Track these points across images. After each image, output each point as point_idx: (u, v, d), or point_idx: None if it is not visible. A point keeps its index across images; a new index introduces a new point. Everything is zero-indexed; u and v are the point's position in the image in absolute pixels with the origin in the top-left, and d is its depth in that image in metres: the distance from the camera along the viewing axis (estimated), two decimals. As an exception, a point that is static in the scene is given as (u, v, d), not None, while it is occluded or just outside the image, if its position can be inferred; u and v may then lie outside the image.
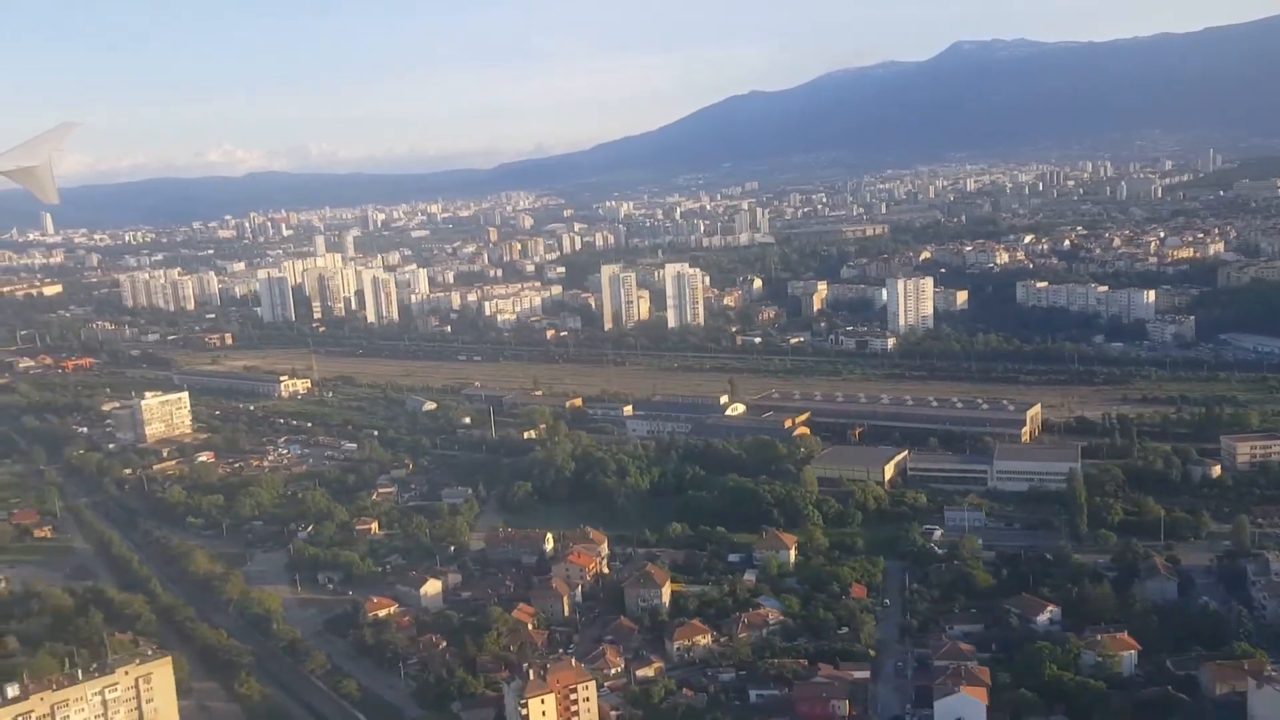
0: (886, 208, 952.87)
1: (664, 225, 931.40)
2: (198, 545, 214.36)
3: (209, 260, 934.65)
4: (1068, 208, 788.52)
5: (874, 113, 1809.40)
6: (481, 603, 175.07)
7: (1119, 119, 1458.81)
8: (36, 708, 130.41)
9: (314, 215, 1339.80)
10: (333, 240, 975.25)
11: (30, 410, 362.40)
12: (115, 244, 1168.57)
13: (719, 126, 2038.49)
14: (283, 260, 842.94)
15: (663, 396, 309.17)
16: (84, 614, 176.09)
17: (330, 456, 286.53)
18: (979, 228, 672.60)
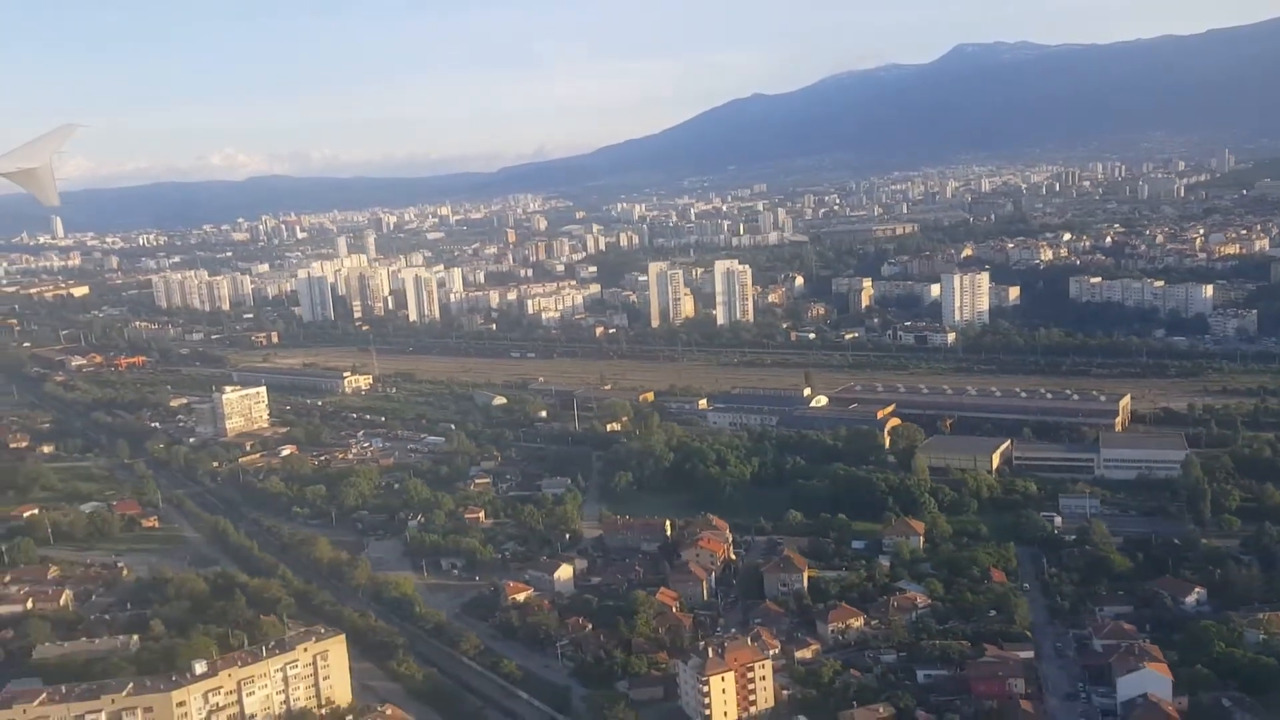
0: (907, 208, 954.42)
1: (687, 226, 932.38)
2: (310, 533, 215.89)
3: (228, 262, 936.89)
4: (1093, 207, 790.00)
5: (877, 115, 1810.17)
6: (613, 587, 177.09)
7: (1123, 121, 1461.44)
8: (225, 684, 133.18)
9: (324, 218, 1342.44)
10: (353, 242, 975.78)
11: (97, 407, 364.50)
12: (129, 247, 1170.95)
13: (722, 129, 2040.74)
14: (306, 262, 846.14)
15: (741, 390, 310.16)
16: (221, 598, 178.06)
17: (414, 449, 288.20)
18: (1010, 226, 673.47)
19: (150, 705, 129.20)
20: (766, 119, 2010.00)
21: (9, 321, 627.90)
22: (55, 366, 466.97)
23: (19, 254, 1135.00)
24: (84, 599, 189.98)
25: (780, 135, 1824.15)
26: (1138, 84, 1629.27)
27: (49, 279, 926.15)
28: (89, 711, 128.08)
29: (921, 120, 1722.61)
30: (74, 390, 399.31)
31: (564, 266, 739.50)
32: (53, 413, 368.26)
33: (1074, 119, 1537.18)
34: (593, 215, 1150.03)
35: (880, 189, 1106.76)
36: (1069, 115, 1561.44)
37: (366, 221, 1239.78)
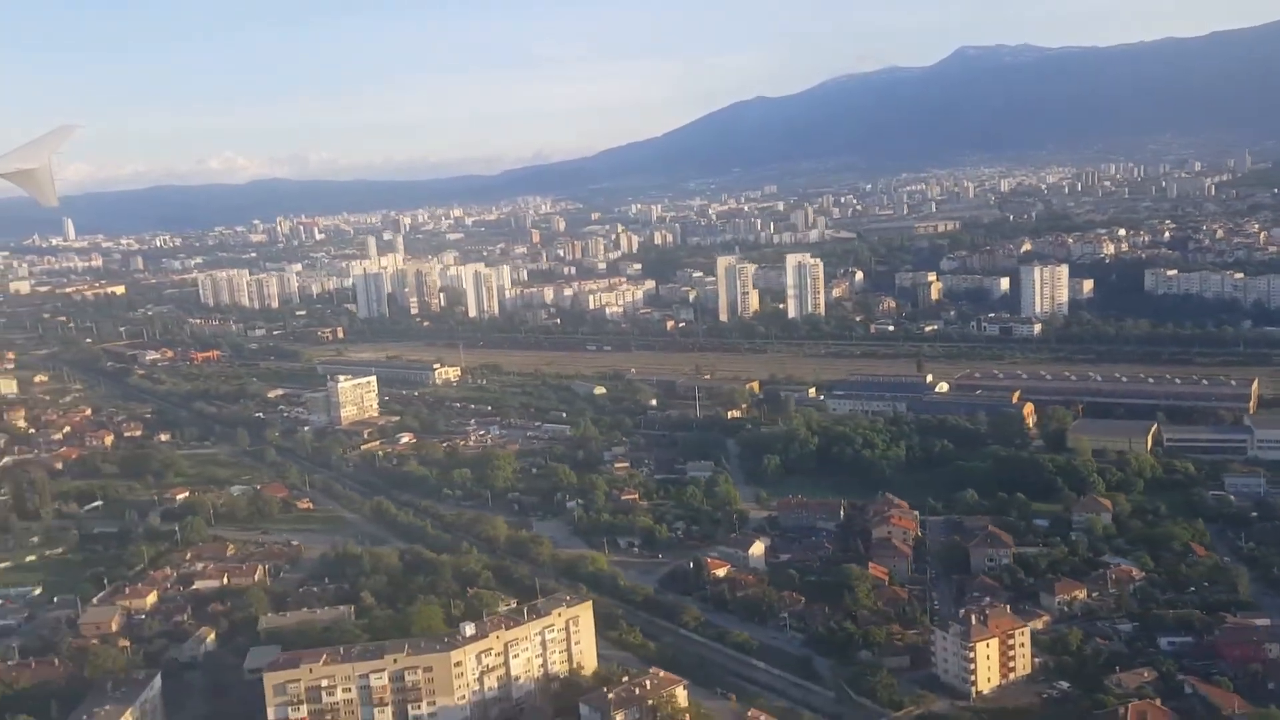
0: (935, 206, 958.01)
1: (718, 225, 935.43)
2: (474, 512, 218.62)
3: (255, 263, 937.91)
4: (1127, 206, 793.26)
5: (879, 118, 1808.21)
6: (807, 564, 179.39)
7: (1127, 123, 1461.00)
8: (494, 645, 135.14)
9: (338, 220, 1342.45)
10: (381, 243, 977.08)
11: (194, 398, 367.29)
12: (145, 248, 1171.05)
13: (724, 132, 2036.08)
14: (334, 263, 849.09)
15: (858, 377, 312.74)
16: (416, 573, 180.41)
17: (533, 436, 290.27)
18: (1052, 223, 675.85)
19: (430, 665, 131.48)
20: (768, 121, 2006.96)
21: (59, 318, 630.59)
22: (129, 361, 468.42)
23: (34, 255, 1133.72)
24: (273, 575, 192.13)
25: (783, 138, 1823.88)
26: (1140, 87, 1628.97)
27: (78, 279, 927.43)
28: (373, 671, 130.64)
29: (924, 123, 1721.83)
30: (162, 383, 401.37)
31: (605, 264, 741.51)
32: (150, 404, 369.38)
33: (1077, 121, 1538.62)
34: (608, 216, 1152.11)
35: (896, 189, 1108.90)
36: (1072, 118, 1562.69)
37: (380, 223, 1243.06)
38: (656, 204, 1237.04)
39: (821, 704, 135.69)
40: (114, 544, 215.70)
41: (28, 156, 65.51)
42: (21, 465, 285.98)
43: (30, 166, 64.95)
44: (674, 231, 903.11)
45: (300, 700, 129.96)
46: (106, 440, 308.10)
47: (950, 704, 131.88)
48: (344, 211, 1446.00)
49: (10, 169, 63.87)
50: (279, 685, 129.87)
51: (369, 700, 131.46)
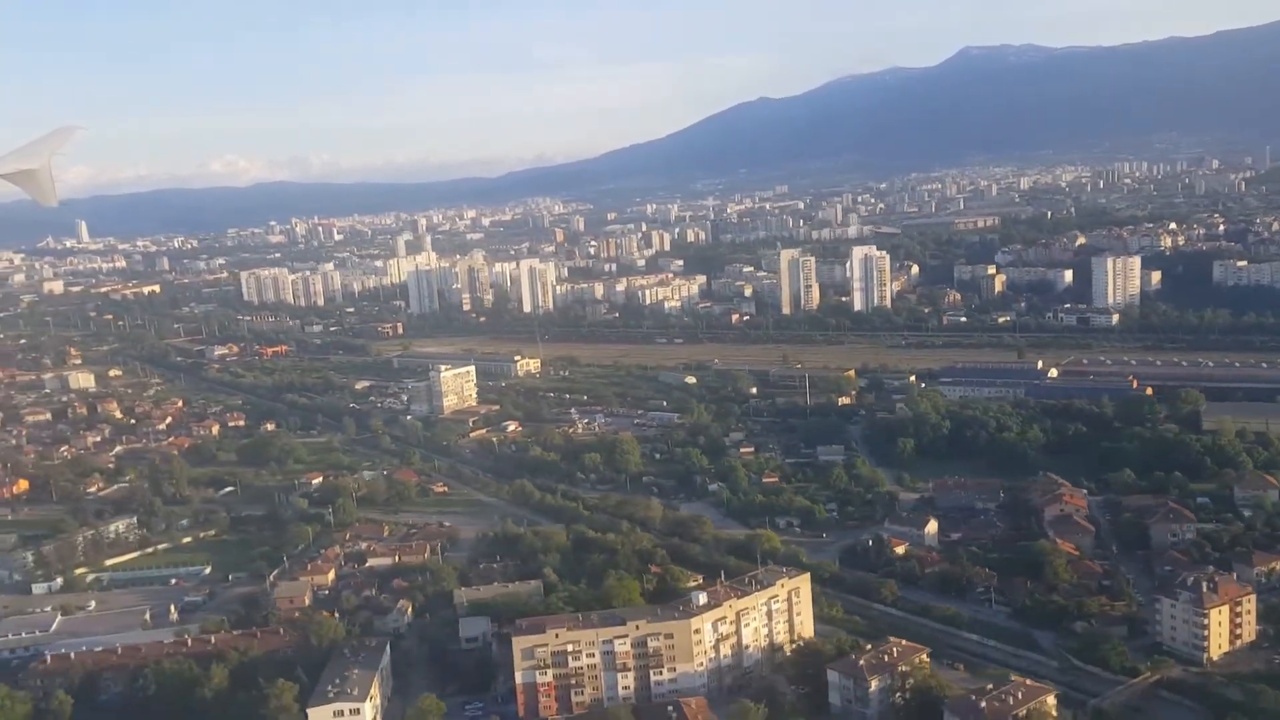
0: (963, 203, 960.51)
1: (750, 222, 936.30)
2: (619, 495, 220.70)
3: (279, 262, 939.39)
4: (1163, 201, 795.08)
5: (884, 118, 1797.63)
6: (980, 541, 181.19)
7: (1133, 122, 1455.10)
8: (728, 614, 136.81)
9: (353, 221, 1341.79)
10: (409, 243, 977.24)
11: (281, 390, 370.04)
12: (162, 249, 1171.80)
13: (728, 133, 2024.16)
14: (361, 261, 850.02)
15: (963, 365, 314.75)
16: (582, 550, 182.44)
17: (641, 424, 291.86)
18: (1097, 218, 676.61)
19: (671, 632, 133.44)
20: (772, 122, 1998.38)
21: (106, 316, 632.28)
22: (196, 356, 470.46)
23: (51, 257, 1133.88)
24: (437, 553, 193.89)
25: (788, 138, 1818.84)
26: (1145, 86, 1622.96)
27: (106, 279, 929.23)
28: (616, 637, 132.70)
29: (929, 123, 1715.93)
30: (243, 376, 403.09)
31: (644, 261, 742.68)
32: (238, 396, 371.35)
33: (1082, 121, 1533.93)
34: (624, 216, 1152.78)
35: (914, 188, 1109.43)
36: (1077, 117, 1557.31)
37: (394, 224, 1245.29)
38: (672, 204, 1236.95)
39: (1048, 674, 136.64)
40: (266, 526, 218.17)
41: (28, 157, 65.51)
42: (138, 454, 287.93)
43: (31, 167, 64.89)
44: (705, 229, 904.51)
45: (547, 664, 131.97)
46: (213, 430, 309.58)
47: (1183, 670, 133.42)
48: (354, 213, 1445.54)
49: (11, 169, 63.83)
50: (527, 649, 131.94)
51: (612, 665, 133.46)
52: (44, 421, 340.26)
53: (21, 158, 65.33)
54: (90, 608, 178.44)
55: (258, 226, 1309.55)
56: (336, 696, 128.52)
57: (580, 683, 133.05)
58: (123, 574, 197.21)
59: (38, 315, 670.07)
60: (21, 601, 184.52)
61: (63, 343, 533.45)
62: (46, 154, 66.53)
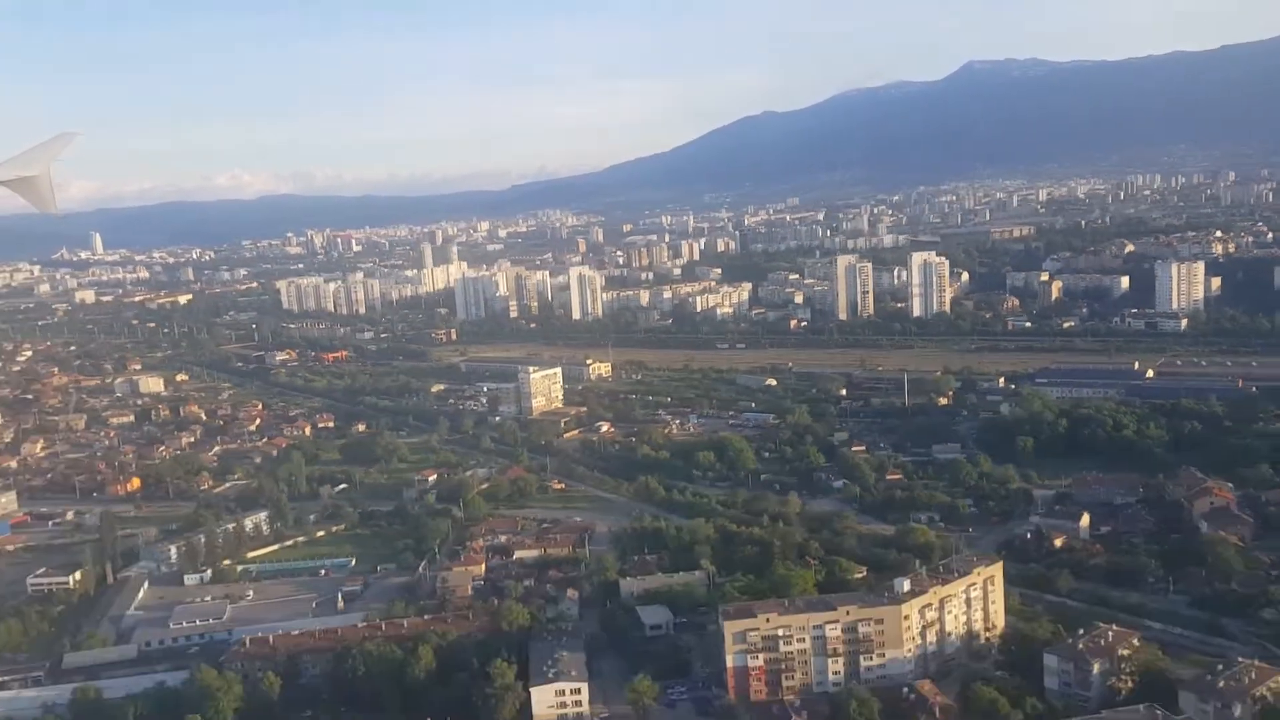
0: (989, 214, 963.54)
1: (780, 234, 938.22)
2: (744, 492, 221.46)
3: (303, 272, 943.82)
4: (1195, 210, 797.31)
5: (890, 132, 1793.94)
6: (1130, 535, 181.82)
7: (1140, 136, 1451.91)
8: (933, 600, 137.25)
9: (369, 233, 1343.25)
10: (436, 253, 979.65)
11: (356, 393, 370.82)
12: (180, 261, 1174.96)
13: (734, 146, 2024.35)
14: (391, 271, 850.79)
15: (1055, 365, 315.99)
16: (731, 544, 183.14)
17: (737, 424, 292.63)
18: (1135, 227, 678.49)
19: (881, 617, 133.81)
20: (778, 136, 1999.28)
21: (150, 325, 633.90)
22: (256, 361, 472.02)
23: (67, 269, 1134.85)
24: (580, 546, 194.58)
25: (794, 152, 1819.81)
26: (1151, 99, 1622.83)
27: (132, 290, 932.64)
28: (827, 622, 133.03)
29: (935, 137, 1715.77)
30: (313, 380, 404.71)
31: (679, 270, 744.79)
32: (314, 399, 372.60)
33: (1088, 134, 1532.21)
34: (640, 228, 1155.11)
35: (929, 199, 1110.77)
36: (1083, 131, 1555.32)
37: (410, 236, 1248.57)
38: (686, 215, 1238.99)
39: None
40: (394, 520, 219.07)
41: (27, 163, 64.09)
42: (235, 454, 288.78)
43: (30, 174, 63.62)
44: (734, 239, 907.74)
45: (758, 648, 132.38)
46: (306, 431, 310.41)
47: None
48: (364, 226, 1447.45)
49: (9, 176, 62.61)
50: (739, 633, 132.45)
51: (822, 650, 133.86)
52: (129, 423, 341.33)
53: (20, 164, 63.88)
54: (249, 597, 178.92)
55: (274, 238, 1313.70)
56: (556, 677, 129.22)
57: (790, 667, 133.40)
58: (269, 566, 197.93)
59: (77, 323, 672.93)
60: (177, 592, 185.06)
61: (114, 349, 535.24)
62: (45, 160, 65.11)
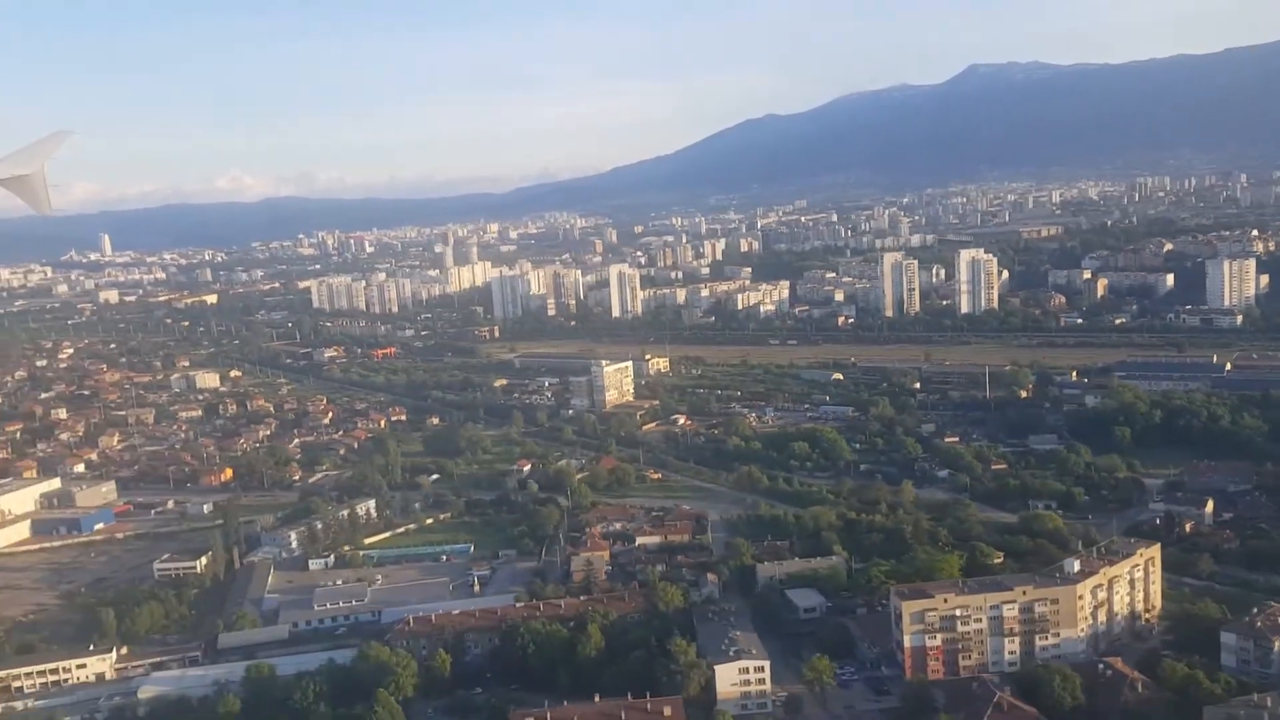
0: (1009, 215, 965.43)
1: (802, 234, 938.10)
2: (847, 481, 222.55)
3: (320, 272, 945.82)
4: (1218, 210, 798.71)
5: (894, 134, 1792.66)
6: (1254, 520, 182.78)
7: (1144, 139, 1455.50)
8: (1103, 581, 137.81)
9: (379, 235, 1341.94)
10: (456, 254, 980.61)
11: (419, 388, 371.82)
12: (194, 262, 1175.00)
13: (738, 149, 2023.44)
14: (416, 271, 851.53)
15: (1130, 359, 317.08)
16: (854, 532, 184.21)
17: (814, 417, 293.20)
18: (1164, 227, 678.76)
19: (1056, 597, 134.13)
20: (781, 139, 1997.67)
21: (184, 324, 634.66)
22: (303, 358, 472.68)
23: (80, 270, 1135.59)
24: (698, 533, 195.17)
25: (797, 154, 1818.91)
26: (1155, 103, 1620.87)
27: (153, 290, 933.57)
28: (1004, 602, 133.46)
29: (939, 139, 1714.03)
30: (371, 376, 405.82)
31: (708, 269, 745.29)
32: (378, 394, 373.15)
33: (1094, 137, 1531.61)
34: (650, 230, 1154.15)
35: (941, 201, 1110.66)
36: (1088, 134, 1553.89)
37: (419, 237, 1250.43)
38: (698, 217, 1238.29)
39: None
40: (499, 508, 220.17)
41: (21, 162, 64.75)
42: (314, 446, 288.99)
43: (24, 173, 64.18)
44: (757, 239, 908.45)
45: (935, 628, 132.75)
46: (381, 424, 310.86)
47: None
48: (371, 228, 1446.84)
49: (3, 175, 63.08)
50: (916, 613, 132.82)
51: (999, 630, 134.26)
52: (197, 418, 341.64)
53: (14, 163, 64.38)
54: (379, 581, 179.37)
55: (278, 240, 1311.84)
56: (737, 655, 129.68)
57: (967, 647, 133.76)
58: (390, 551, 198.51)
59: (108, 322, 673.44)
60: (304, 577, 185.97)
61: (156, 347, 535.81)
62: (40, 159, 65.69)
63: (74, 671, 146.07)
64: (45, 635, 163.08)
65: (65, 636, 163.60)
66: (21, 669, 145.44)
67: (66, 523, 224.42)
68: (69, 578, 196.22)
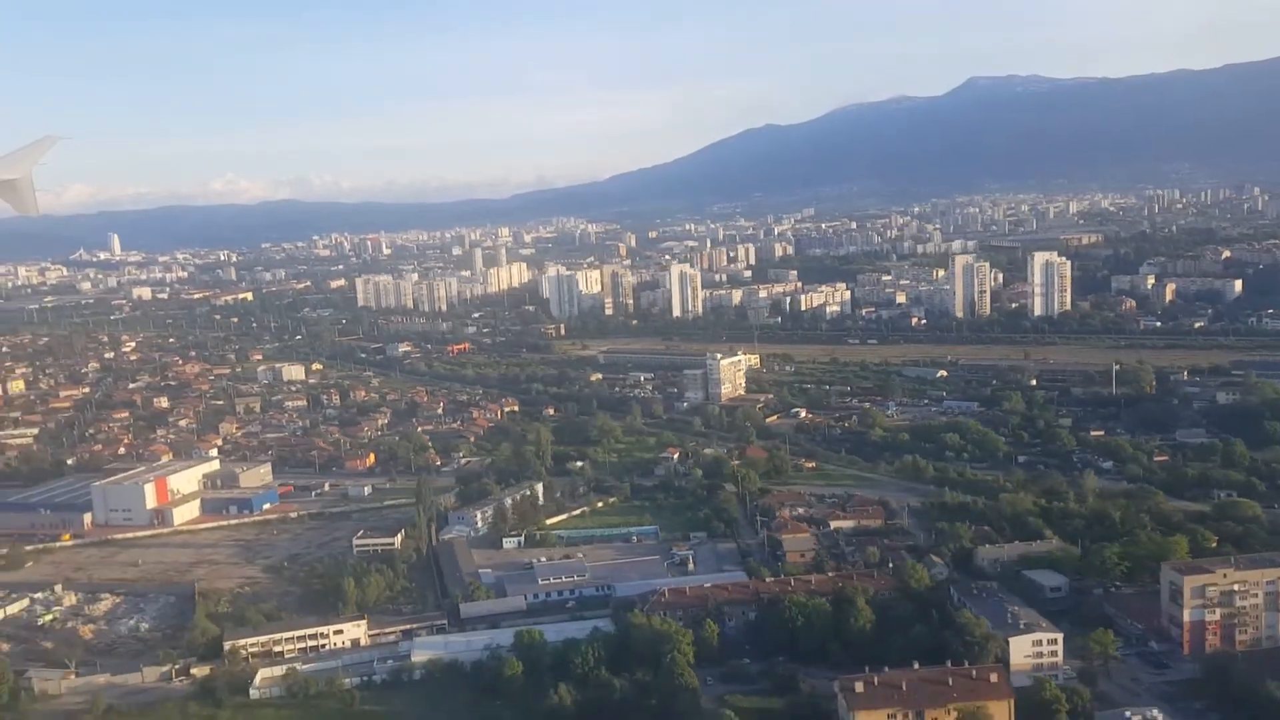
0: (1037, 224, 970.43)
1: (834, 239, 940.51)
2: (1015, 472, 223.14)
3: (342, 272, 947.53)
4: (1250, 222, 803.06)
5: (895, 145, 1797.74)
6: None
7: (1145, 153, 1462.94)
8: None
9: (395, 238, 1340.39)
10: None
11: (514, 381, 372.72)
12: (207, 262, 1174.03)
13: (738, 158, 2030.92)
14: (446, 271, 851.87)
15: (1248, 358, 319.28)
16: (1073, 517, 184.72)
17: (940, 412, 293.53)
18: (1205, 236, 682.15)
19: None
20: (781, 148, 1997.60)
21: (233, 319, 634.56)
22: (374, 353, 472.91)
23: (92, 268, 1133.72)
24: (890, 518, 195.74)
25: (798, 164, 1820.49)
26: (1154, 117, 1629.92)
27: (182, 288, 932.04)
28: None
29: (940, 150, 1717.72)
30: (462, 369, 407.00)
31: (751, 271, 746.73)
32: (474, 388, 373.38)
33: (1093, 151, 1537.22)
34: (665, 235, 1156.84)
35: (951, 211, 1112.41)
36: (1089, 147, 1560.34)
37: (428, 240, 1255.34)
38: (715, 224, 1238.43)
39: None
40: (667, 494, 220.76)
41: (9, 167, 65.33)
42: (437, 435, 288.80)
43: (11, 177, 64.80)
44: (790, 243, 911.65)
45: (1214, 603, 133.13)
46: (498, 414, 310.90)
47: None
48: (373, 231, 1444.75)
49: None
50: (1196, 588, 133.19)
51: (1274, 605, 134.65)
52: (303, 407, 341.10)
53: (2, 168, 65.00)
54: (581, 558, 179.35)
55: (281, 242, 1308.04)
56: (1027, 628, 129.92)
57: (1244, 621, 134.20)
58: (578, 532, 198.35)
59: (153, 318, 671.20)
60: (502, 554, 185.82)
61: (217, 341, 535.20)
62: (27, 165, 66.14)
63: (331, 637, 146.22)
64: (273, 604, 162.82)
65: (289, 607, 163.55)
66: (282, 634, 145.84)
67: (237, 502, 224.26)
68: (262, 553, 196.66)
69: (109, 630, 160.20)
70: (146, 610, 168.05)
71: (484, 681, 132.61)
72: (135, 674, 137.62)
